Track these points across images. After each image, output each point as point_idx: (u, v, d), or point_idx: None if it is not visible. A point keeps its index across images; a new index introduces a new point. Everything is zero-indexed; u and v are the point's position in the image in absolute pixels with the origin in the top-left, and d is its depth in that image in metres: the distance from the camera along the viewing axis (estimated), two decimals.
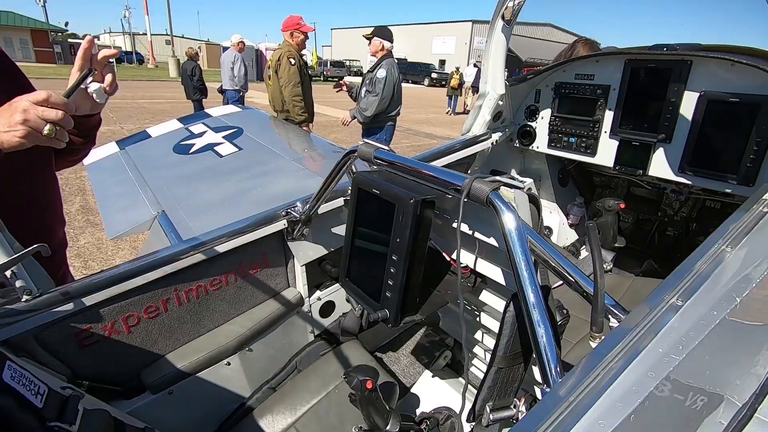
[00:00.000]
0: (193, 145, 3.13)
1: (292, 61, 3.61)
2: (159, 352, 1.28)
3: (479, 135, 1.99)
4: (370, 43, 3.92)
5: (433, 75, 32.27)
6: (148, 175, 2.78)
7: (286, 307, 1.53)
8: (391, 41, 3.93)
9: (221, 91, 7.27)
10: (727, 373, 0.66)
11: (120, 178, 2.85)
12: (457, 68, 15.41)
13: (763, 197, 1.19)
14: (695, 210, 2.12)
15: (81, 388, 1.03)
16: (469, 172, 2.04)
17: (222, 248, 1.32)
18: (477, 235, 1.05)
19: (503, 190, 0.86)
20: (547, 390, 0.66)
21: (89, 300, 1.07)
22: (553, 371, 0.67)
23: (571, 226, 2.36)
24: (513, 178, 1.02)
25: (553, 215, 2.46)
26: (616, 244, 1.92)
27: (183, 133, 3.41)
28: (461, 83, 15.36)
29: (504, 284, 1.09)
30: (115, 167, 3.04)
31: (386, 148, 1.18)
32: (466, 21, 40.56)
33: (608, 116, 1.82)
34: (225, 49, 25.47)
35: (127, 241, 3.79)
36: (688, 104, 1.57)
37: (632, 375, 0.60)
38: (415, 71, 33.35)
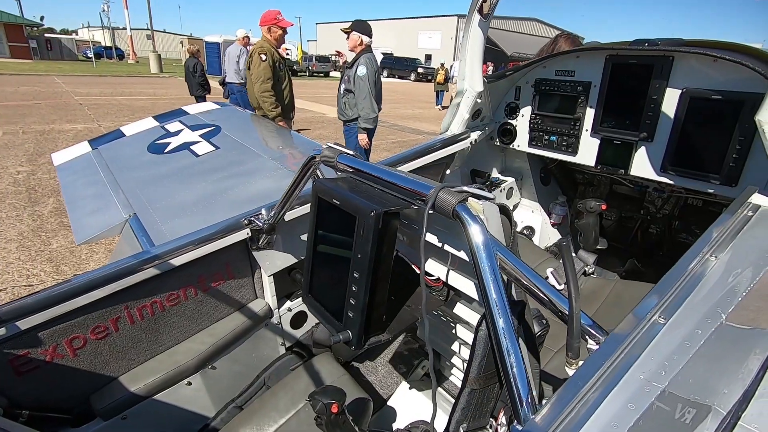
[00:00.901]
0: (169, 144, 3.03)
1: (263, 57, 3.53)
2: (110, 375, 1.20)
3: (458, 134, 1.93)
4: (348, 37, 3.83)
5: (419, 70, 32.17)
6: (120, 176, 2.67)
7: (253, 319, 1.45)
8: (370, 35, 3.85)
9: (223, 83, 7.32)
10: (715, 383, 0.63)
11: (91, 179, 2.74)
12: (442, 64, 15.35)
13: (748, 200, 1.17)
14: (677, 208, 2.10)
15: (19, 418, 0.96)
16: (448, 172, 1.98)
17: (178, 261, 1.23)
18: (447, 247, 0.99)
19: (471, 201, 0.79)
20: (519, 428, 0.60)
21: (24, 323, 0.99)
22: (525, 405, 0.61)
23: (553, 225, 2.32)
24: (490, 183, 0.96)
25: (535, 214, 2.43)
26: (598, 246, 1.88)
27: (158, 131, 3.30)
28: (447, 78, 15.32)
29: (478, 299, 1.04)
30: (87, 168, 2.92)
31: (350, 152, 1.11)
32: (451, 15, 40.49)
33: (589, 114, 1.77)
34: (207, 43, 24.92)
35: (102, 245, 3.66)
36: (670, 101, 1.52)
37: (611, 408, 0.56)
38: (402, 66, 33.22)
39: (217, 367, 1.36)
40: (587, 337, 0.70)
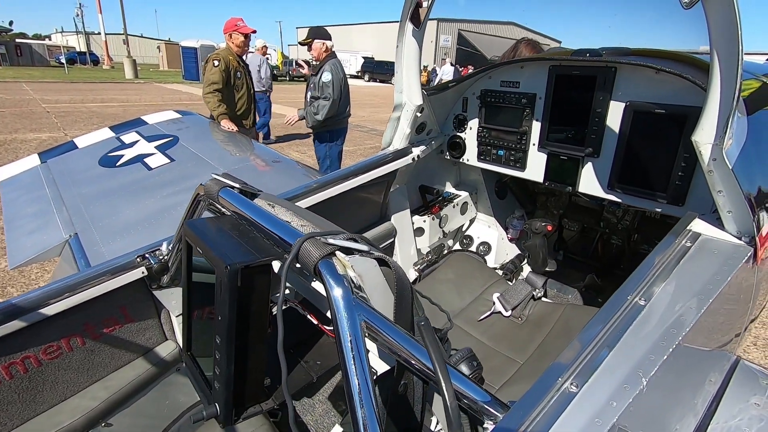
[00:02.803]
0: (122, 156, 2.89)
1: (216, 63, 3.47)
2: None
3: (400, 150, 1.83)
4: (310, 48, 3.77)
5: None
6: (66, 192, 2.53)
7: (160, 365, 1.29)
8: (331, 39, 3.79)
9: None
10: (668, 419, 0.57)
11: (35, 195, 2.59)
12: (425, 66, 15.45)
13: (688, 227, 1.12)
14: (636, 220, 2.05)
15: None
16: (391, 190, 1.90)
17: (52, 310, 1.07)
18: None
19: (339, 256, 0.68)
20: None
21: None
22: None
23: (511, 240, 2.24)
24: (442, 198, 0.84)
25: (491, 230, 2.35)
26: (547, 268, 1.80)
27: (113, 143, 3.16)
28: (429, 81, 15.43)
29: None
30: (32, 183, 2.77)
31: (235, 185, 0.99)
32: (431, 19, 40.74)
33: (536, 127, 1.70)
34: (184, 48, 24.57)
35: (56, 263, 3.48)
36: (615, 115, 1.46)
37: None
38: (383, 70, 33.23)
39: (113, 424, 1.19)
40: (484, 415, 0.59)
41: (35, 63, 38.26)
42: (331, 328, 0.69)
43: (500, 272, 2.10)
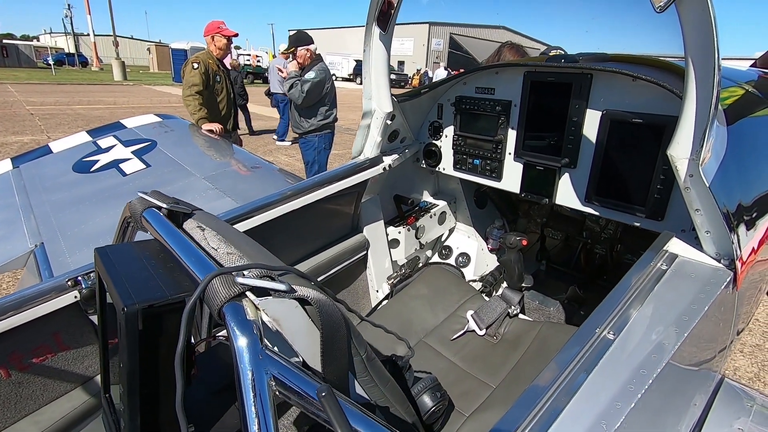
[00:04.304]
0: (97, 161, 2.81)
1: (195, 66, 3.40)
2: None
3: (371, 159, 1.76)
4: (294, 57, 3.74)
5: (392, 76, 32.27)
6: (36, 198, 2.44)
7: (98, 396, 1.17)
8: (313, 42, 3.75)
9: (268, 93, 8.40)
10: None
11: (3, 202, 2.49)
12: (419, 70, 15.48)
13: (664, 247, 1.07)
14: (619, 230, 1.99)
15: None
16: (362, 201, 1.83)
17: None
18: None
19: (250, 297, 0.58)
20: None
21: None
22: None
23: (491, 251, 2.17)
24: (419, 209, 0.75)
25: (471, 240, 2.27)
26: (523, 284, 1.72)
27: (89, 147, 3.06)
28: (421, 82, 15.49)
29: None
30: (2, 189, 2.67)
31: (163, 205, 0.90)
32: (423, 23, 40.91)
33: (512, 136, 1.63)
34: (174, 50, 24.63)
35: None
36: (592, 124, 1.39)
37: None
38: None
39: None
40: None
41: (22, 64, 37.67)
42: None
43: (479, 284, 2.03)
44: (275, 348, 0.57)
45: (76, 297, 1.10)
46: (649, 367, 0.74)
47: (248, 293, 0.58)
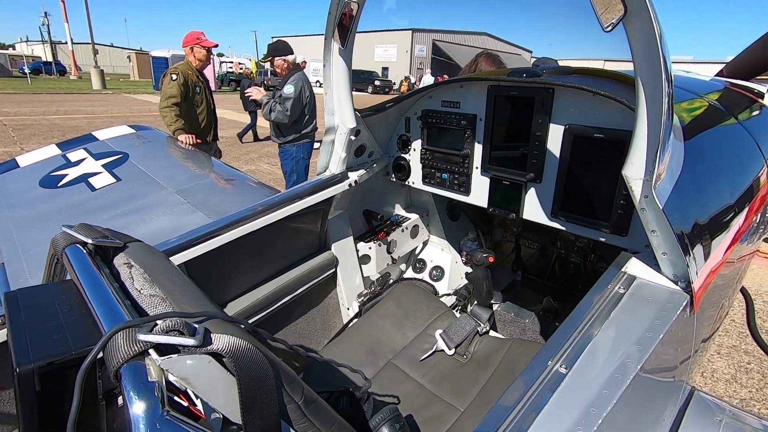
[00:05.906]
0: (65, 176, 2.73)
1: (173, 77, 3.36)
2: None
3: (336, 175, 1.73)
4: (271, 65, 3.72)
5: (377, 82, 32.50)
6: None
7: None
8: (293, 53, 3.73)
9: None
10: None
11: None
12: (407, 77, 15.58)
13: (623, 269, 1.06)
14: (591, 241, 2.01)
15: None
16: (329, 217, 1.80)
17: None
18: None
19: (153, 357, 0.51)
20: None
21: None
22: None
23: (465, 263, 2.16)
24: (390, 223, 0.70)
25: (445, 253, 2.25)
26: (492, 301, 1.71)
27: (58, 161, 2.98)
28: (409, 89, 15.63)
29: None
30: None
31: (88, 240, 0.82)
32: (406, 30, 41.26)
33: (478, 150, 1.62)
34: (154, 58, 24.24)
35: None
36: (555, 139, 1.38)
37: None
38: (359, 79, 33.35)
39: None
40: None
41: None
42: None
43: (453, 298, 2.01)
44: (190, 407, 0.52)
45: None
46: (612, 388, 0.74)
47: (151, 351, 0.52)
